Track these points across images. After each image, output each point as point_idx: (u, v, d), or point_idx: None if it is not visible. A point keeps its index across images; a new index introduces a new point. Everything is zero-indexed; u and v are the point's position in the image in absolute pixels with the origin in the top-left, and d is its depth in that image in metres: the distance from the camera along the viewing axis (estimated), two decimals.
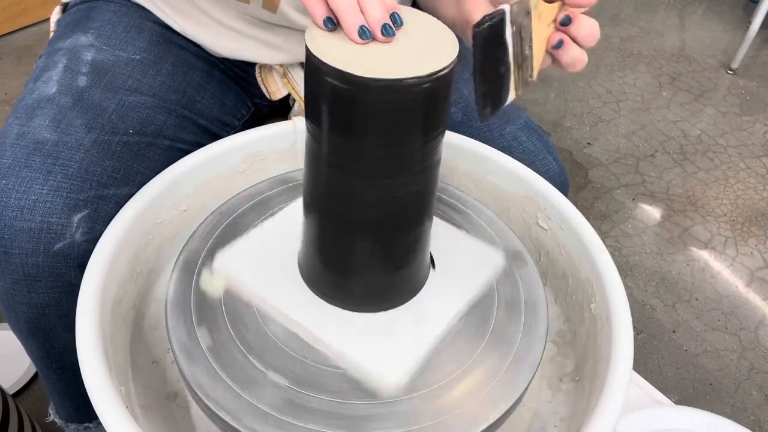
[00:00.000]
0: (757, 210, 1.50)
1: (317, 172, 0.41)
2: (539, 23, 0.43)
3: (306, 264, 0.47)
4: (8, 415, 0.72)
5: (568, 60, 0.45)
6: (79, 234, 0.51)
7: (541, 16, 0.43)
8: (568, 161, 1.60)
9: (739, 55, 2.00)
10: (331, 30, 0.38)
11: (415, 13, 0.41)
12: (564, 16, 0.43)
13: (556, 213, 0.57)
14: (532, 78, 0.45)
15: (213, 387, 0.41)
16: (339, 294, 0.46)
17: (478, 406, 0.42)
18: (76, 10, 0.67)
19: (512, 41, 0.39)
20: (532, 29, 0.42)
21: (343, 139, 0.38)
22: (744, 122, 1.81)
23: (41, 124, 0.54)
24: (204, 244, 0.51)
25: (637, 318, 1.20)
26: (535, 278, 0.52)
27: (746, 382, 1.11)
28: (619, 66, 2.02)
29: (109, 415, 0.38)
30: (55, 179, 0.51)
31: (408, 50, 0.37)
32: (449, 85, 0.38)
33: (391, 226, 0.42)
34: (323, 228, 0.44)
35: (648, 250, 1.36)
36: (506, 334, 0.47)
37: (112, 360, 0.44)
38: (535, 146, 0.66)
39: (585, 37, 0.44)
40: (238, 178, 0.61)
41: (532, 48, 0.43)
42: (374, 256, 0.44)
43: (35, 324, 0.55)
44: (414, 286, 0.48)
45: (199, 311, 0.46)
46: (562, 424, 0.50)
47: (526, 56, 0.43)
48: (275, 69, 0.70)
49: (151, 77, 0.62)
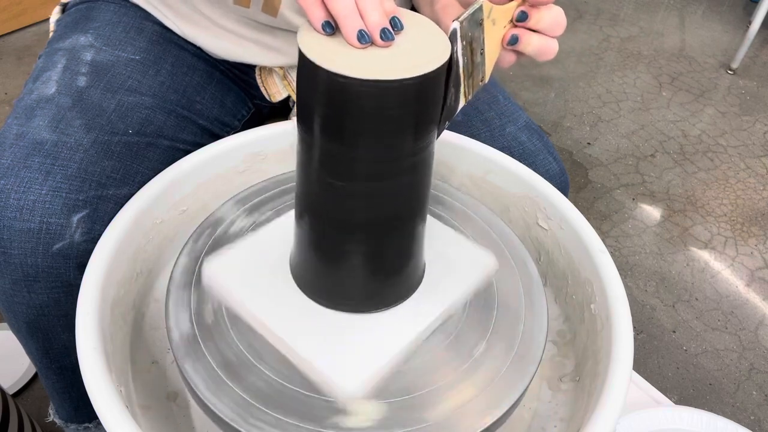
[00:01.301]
0: (757, 210, 1.50)
1: (308, 174, 0.41)
2: (493, 28, 0.43)
3: (297, 264, 0.47)
4: (8, 415, 0.72)
5: (533, 51, 0.44)
6: (78, 234, 0.51)
7: (496, 21, 0.43)
8: (568, 161, 1.60)
9: (739, 55, 2.00)
10: (329, 34, 0.37)
11: (410, 14, 0.41)
12: (519, 13, 0.43)
13: (556, 213, 0.57)
14: (483, 81, 0.45)
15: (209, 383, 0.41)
16: (329, 295, 0.46)
17: (477, 406, 0.42)
18: (75, 10, 0.67)
19: (462, 55, 0.40)
20: (483, 37, 0.42)
21: (333, 140, 0.38)
22: (744, 122, 1.81)
23: (40, 124, 0.54)
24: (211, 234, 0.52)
25: (637, 318, 1.20)
26: (535, 278, 0.52)
27: (746, 382, 1.11)
28: (619, 66, 2.02)
29: (109, 415, 0.38)
30: (55, 179, 0.51)
31: (400, 51, 0.37)
32: (440, 86, 0.38)
33: (382, 227, 0.42)
34: (314, 229, 0.44)
35: (648, 250, 1.36)
36: (506, 334, 0.47)
37: (112, 360, 0.44)
38: (535, 146, 0.66)
39: (548, 27, 0.43)
40: (238, 178, 0.61)
41: (484, 53, 0.43)
42: (365, 258, 0.44)
43: (34, 324, 0.55)
44: (407, 288, 0.48)
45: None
46: (562, 424, 0.50)
47: (477, 64, 0.43)
48: (275, 71, 0.70)
49: (150, 77, 0.62)
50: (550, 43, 0.44)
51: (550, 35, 0.44)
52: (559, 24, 0.44)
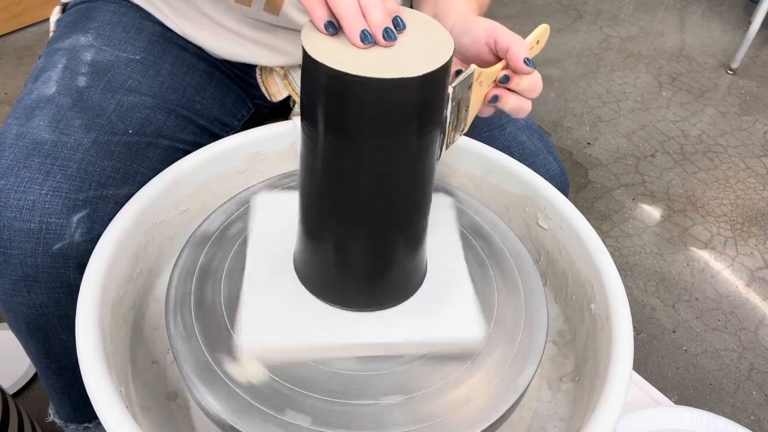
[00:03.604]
0: (757, 210, 1.50)
1: (312, 172, 0.41)
2: (478, 88, 0.47)
3: (300, 260, 0.47)
4: (8, 415, 0.72)
5: (510, 109, 0.49)
6: (78, 234, 0.51)
7: (482, 82, 0.47)
8: (568, 161, 1.60)
9: (739, 55, 2.00)
10: (332, 34, 0.38)
11: (412, 13, 0.41)
12: (502, 76, 0.48)
13: (556, 213, 0.57)
14: (464, 131, 0.49)
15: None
16: (330, 292, 0.46)
17: (478, 406, 0.42)
18: (75, 10, 0.67)
19: (450, 113, 0.43)
20: (470, 96, 0.46)
21: (337, 139, 0.38)
22: (744, 122, 1.81)
23: (40, 124, 0.54)
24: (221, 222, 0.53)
25: (637, 318, 1.20)
26: (535, 278, 0.52)
27: (746, 382, 1.11)
28: (619, 66, 2.02)
29: (109, 415, 0.38)
30: (54, 179, 0.51)
31: (404, 50, 0.37)
32: (444, 84, 0.38)
33: (385, 225, 0.42)
34: (318, 225, 0.44)
35: (648, 250, 1.36)
36: (506, 333, 0.47)
37: (112, 360, 0.44)
38: (535, 146, 0.66)
39: (525, 90, 0.48)
40: (238, 178, 0.61)
41: (469, 109, 0.47)
42: (368, 255, 0.44)
43: (34, 324, 0.55)
44: (408, 286, 0.48)
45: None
46: (562, 424, 0.50)
47: (461, 118, 0.47)
48: (276, 71, 0.70)
49: (150, 77, 0.62)
50: (525, 103, 0.49)
51: (527, 97, 0.49)
52: (536, 89, 0.48)
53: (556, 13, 2.29)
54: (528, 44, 0.49)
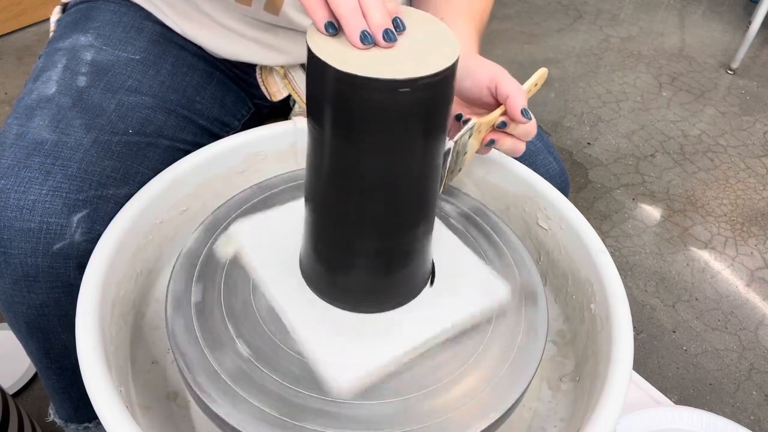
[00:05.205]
0: (757, 210, 1.50)
1: (318, 171, 0.41)
2: (477, 135, 0.51)
3: (305, 260, 0.47)
4: (8, 415, 0.72)
5: (505, 149, 0.53)
6: (78, 234, 0.51)
7: (481, 131, 0.51)
8: (568, 161, 1.60)
9: (739, 55, 2.00)
10: (332, 35, 0.38)
11: (417, 13, 0.41)
12: (500, 122, 0.51)
13: (556, 213, 0.57)
14: (460, 170, 0.53)
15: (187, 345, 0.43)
16: (335, 292, 0.46)
17: (478, 405, 0.42)
18: (75, 10, 0.67)
19: (450, 159, 0.47)
20: (468, 143, 0.50)
21: (344, 139, 0.38)
22: (744, 122, 1.81)
23: (40, 124, 0.54)
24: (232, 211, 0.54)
25: (637, 318, 1.20)
26: (535, 278, 0.52)
27: (746, 382, 1.11)
28: (619, 66, 2.02)
29: (109, 415, 0.38)
30: (55, 179, 0.51)
31: (410, 50, 0.37)
32: (451, 85, 0.38)
33: (390, 225, 0.42)
34: (323, 225, 0.44)
35: (648, 250, 1.36)
36: (506, 333, 0.47)
37: (112, 360, 0.44)
38: (535, 146, 0.66)
39: (521, 134, 0.52)
40: (238, 178, 0.61)
41: (467, 154, 0.51)
42: (372, 256, 0.44)
43: (34, 324, 0.55)
44: (412, 288, 0.48)
45: (202, 268, 0.49)
46: (562, 424, 0.50)
47: (459, 162, 0.51)
48: (276, 70, 0.70)
49: (150, 77, 0.62)
50: (520, 145, 0.53)
51: (522, 140, 0.53)
52: (530, 133, 0.53)
53: (556, 13, 2.29)
54: (527, 88, 0.53)
